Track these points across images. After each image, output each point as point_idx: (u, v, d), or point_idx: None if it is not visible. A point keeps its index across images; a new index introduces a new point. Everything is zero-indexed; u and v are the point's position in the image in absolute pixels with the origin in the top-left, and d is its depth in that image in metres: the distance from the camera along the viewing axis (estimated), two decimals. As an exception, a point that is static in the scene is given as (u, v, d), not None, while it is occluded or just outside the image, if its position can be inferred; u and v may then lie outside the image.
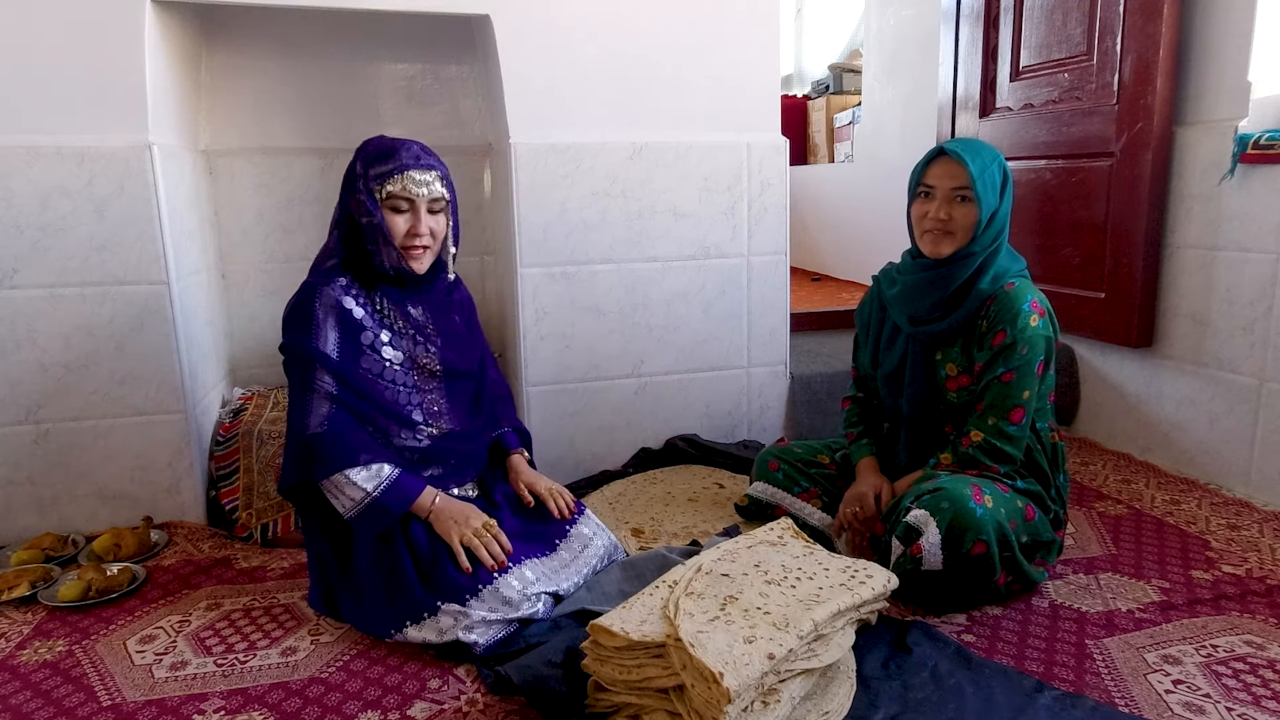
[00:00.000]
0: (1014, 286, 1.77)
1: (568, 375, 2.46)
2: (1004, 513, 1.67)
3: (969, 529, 1.61)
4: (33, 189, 2.00)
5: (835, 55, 5.78)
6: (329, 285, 1.68)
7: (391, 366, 1.72)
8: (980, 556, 1.64)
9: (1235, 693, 1.44)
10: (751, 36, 2.45)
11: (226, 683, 1.53)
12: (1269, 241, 2.17)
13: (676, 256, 2.49)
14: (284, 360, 1.70)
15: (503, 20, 2.25)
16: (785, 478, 2.07)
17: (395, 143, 1.69)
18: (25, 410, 2.07)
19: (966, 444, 1.78)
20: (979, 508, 1.63)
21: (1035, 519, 1.74)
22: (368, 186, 1.67)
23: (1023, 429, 1.75)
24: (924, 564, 1.65)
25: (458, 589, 1.59)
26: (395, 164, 1.66)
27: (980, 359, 1.79)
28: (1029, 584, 1.77)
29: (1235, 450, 2.30)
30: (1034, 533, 1.74)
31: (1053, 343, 1.77)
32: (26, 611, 1.80)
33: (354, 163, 1.70)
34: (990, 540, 1.63)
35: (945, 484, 1.68)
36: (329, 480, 1.62)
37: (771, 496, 2.07)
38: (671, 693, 1.29)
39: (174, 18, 2.20)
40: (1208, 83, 2.32)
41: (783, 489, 2.06)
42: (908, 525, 1.67)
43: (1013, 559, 1.69)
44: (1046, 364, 1.77)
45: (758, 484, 2.10)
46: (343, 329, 1.67)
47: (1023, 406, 1.74)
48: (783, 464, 2.08)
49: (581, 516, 1.82)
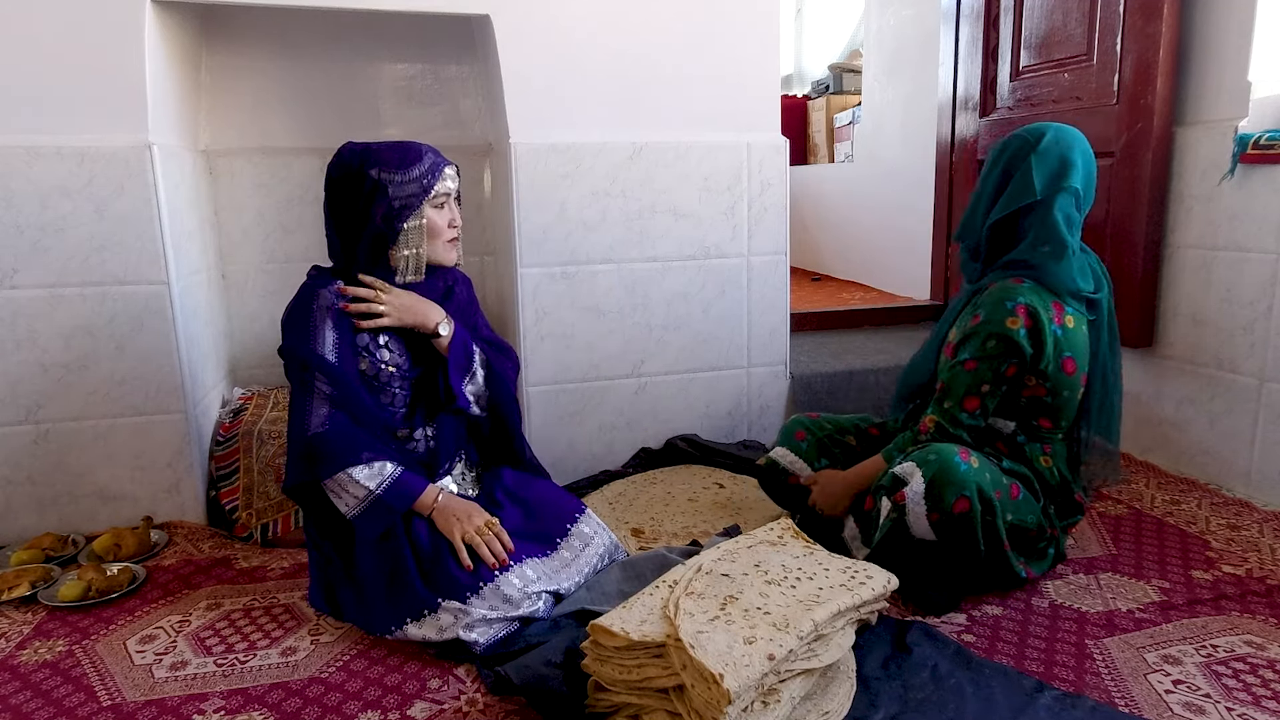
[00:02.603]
0: (1019, 283, 1.75)
1: (568, 375, 2.46)
2: (988, 478, 1.68)
3: (952, 482, 1.63)
4: (33, 189, 2.00)
5: (835, 55, 5.78)
6: (326, 287, 1.69)
7: (387, 368, 1.73)
8: (963, 516, 1.64)
9: (1235, 693, 1.44)
10: (751, 36, 2.45)
11: (226, 683, 1.53)
12: (1269, 241, 2.17)
13: (676, 256, 2.49)
14: (284, 361, 1.70)
15: (503, 20, 2.25)
16: (809, 449, 2.05)
17: (408, 146, 1.72)
18: (25, 410, 2.07)
19: (924, 430, 1.79)
20: (964, 464, 1.65)
21: (1020, 498, 1.74)
22: (405, 191, 1.68)
23: (976, 418, 1.76)
24: (908, 516, 1.66)
25: (459, 586, 1.59)
26: (430, 164, 1.71)
27: (955, 338, 1.80)
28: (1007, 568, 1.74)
29: (1235, 450, 2.30)
30: (1019, 514, 1.73)
31: (1038, 353, 1.71)
32: (26, 611, 1.80)
33: (366, 172, 1.68)
34: (973, 498, 1.63)
35: (935, 445, 1.70)
36: (332, 480, 1.62)
37: (791, 465, 2.05)
38: (671, 693, 1.29)
39: (174, 18, 2.20)
40: (1208, 83, 2.32)
41: (804, 460, 2.05)
42: (894, 475, 1.70)
43: (994, 526, 1.67)
44: (1021, 367, 1.73)
45: (781, 449, 2.08)
46: (339, 330, 1.68)
47: (978, 398, 1.75)
48: (810, 435, 2.07)
49: (582, 516, 1.83)
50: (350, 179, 1.70)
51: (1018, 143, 1.80)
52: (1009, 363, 1.72)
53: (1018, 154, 1.79)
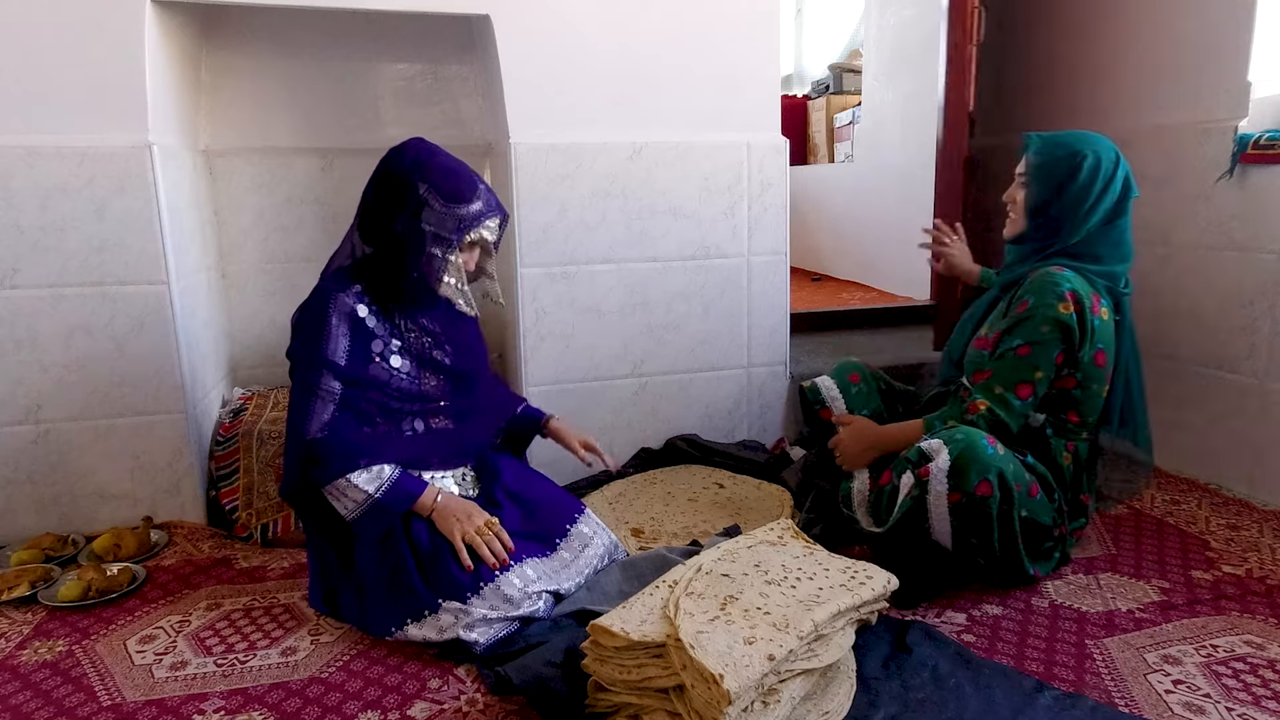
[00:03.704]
0: (1060, 270, 1.76)
1: (568, 375, 2.46)
2: (1012, 468, 1.68)
3: (977, 462, 1.62)
4: (33, 189, 2.00)
5: (835, 55, 5.78)
6: (344, 291, 1.67)
7: (398, 375, 1.72)
8: (984, 501, 1.63)
9: (1235, 693, 1.44)
10: (751, 36, 2.45)
11: (226, 683, 1.53)
12: (1269, 241, 2.17)
13: (676, 256, 2.49)
14: (291, 363, 1.69)
15: (503, 20, 2.25)
16: (857, 395, 2.05)
17: (466, 180, 1.68)
18: (25, 410, 2.07)
19: (973, 411, 1.77)
20: (990, 448, 1.65)
21: (1038, 498, 1.74)
22: (443, 223, 1.64)
23: (1027, 406, 1.76)
24: (930, 495, 1.65)
25: (459, 586, 1.59)
26: (478, 211, 1.67)
27: (1001, 326, 1.80)
28: (1018, 566, 1.75)
29: (1235, 450, 2.30)
30: (1034, 511, 1.73)
31: (1081, 340, 1.73)
32: (26, 611, 1.80)
33: (415, 186, 1.64)
34: (995, 483, 1.63)
35: (964, 427, 1.70)
36: (331, 485, 1.62)
37: (831, 398, 2.04)
38: (671, 693, 1.29)
39: (174, 18, 2.20)
40: (1208, 83, 2.32)
41: (846, 401, 2.04)
42: (921, 450, 1.69)
43: (1009, 518, 1.67)
44: (1067, 355, 1.75)
45: (828, 379, 2.07)
46: (354, 336, 1.67)
47: (1031, 384, 1.75)
48: (864, 379, 2.07)
49: (581, 516, 1.83)
50: (397, 179, 1.66)
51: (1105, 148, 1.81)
52: (1060, 349, 1.74)
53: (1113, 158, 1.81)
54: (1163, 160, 2.44)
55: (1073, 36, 2.78)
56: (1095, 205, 1.78)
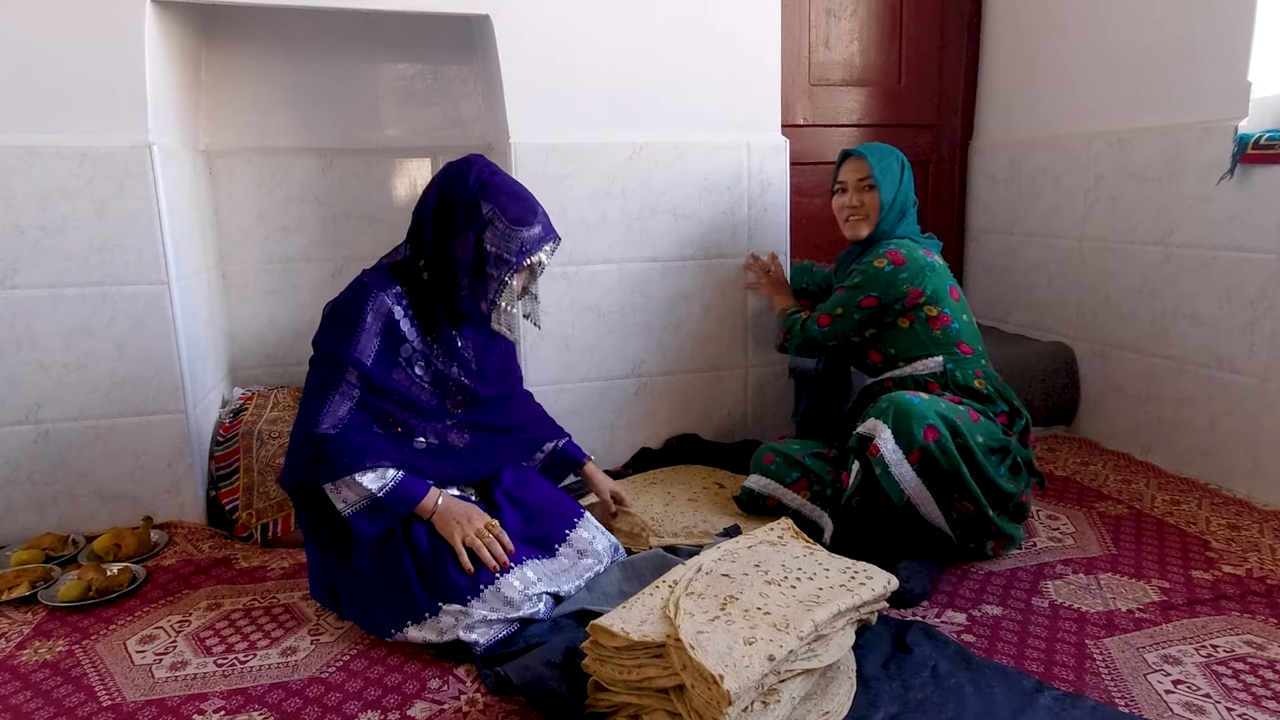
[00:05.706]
0: (892, 242, 2.06)
1: (568, 375, 2.46)
2: (944, 406, 1.84)
3: (913, 416, 1.78)
4: (33, 189, 2.00)
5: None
6: (385, 291, 1.65)
7: (419, 384, 1.71)
8: (937, 444, 1.77)
9: (1235, 693, 1.44)
10: (751, 36, 2.45)
11: (226, 683, 1.53)
12: (1269, 241, 2.17)
13: (676, 256, 2.49)
14: (315, 352, 1.67)
15: (503, 20, 2.25)
16: (778, 469, 2.13)
17: (528, 204, 1.67)
18: (25, 410, 2.07)
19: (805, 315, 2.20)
20: (915, 399, 1.82)
21: (980, 422, 1.89)
22: (506, 245, 1.62)
23: (825, 334, 2.13)
24: (892, 471, 1.78)
25: (459, 590, 1.59)
26: (538, 235, 1.66)
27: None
28: (996, 492, 1.85)
29: (1235, 450, 2.30)
30: (989, 433, 1.87)
31: (891, 283, 2.00)
32: (26, 611, 1.80)
33: (479, 205, 1.63)
34: (939, 424, 1.78)
35: (886, 395, 1.88)
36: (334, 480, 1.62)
37: (764, 488, 2.13)
38: (671, 693, 1.29)
39: (174, 18, 2.20)
40: (1208, 83, 2.32)
41: (775, 480, 2.13)
42: (860, 436, 1.85)
43: (969, 449, 1.80)
44: (879, 301, 2.02)
45: (754, 477, 2.16)
46: (386, 338, 1.65)
47: (829, 315, 2.11)
48: (777, 457, 2.15)
49: (580, 520, 1.82)
50: (461, 196, 1.65)
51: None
52: (865, 291, 2.03)
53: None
54: (1163, 160, 2.44)
55: (1073, 36, 2.78)
56: (913, 192, 2.16)
